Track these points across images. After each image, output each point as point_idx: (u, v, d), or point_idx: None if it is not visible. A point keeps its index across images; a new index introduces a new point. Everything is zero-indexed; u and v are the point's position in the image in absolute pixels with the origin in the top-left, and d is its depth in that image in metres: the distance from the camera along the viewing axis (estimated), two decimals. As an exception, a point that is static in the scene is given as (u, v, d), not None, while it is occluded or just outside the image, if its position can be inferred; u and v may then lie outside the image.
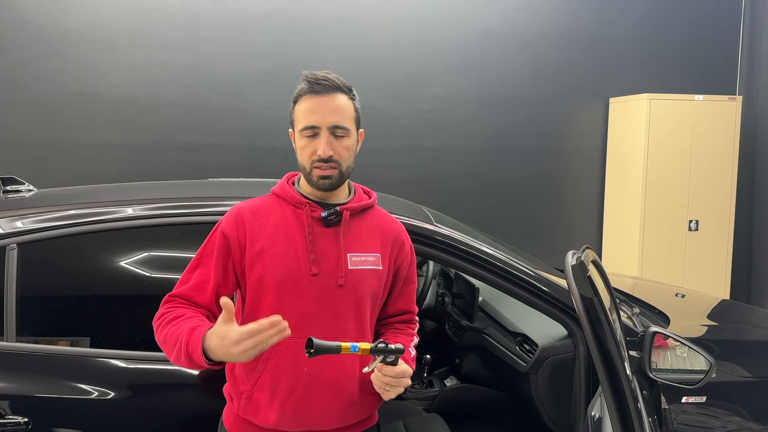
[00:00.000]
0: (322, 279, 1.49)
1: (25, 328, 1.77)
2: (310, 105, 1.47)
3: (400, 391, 1.44)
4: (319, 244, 1.50)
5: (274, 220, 1.52)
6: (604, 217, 5.21)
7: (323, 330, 1.46)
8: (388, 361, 1.40)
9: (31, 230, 1.83)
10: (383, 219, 1.64)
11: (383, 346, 1.38)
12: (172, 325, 1.42)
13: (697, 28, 5.22)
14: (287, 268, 1.48)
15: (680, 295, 2.97)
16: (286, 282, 1.47)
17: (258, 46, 4.49)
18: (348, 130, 1.49)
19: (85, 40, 4.26)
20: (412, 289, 1.68)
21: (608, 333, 1.60)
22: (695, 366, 1.91)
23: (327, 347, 1.32)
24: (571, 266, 1.62)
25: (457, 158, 4.91)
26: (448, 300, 3.06)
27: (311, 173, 1.49)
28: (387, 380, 1.42)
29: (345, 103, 1.50)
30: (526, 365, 2.29)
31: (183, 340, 1.36)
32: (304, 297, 1.48)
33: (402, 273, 1.64)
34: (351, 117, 1.51)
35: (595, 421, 1.77)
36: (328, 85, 1.47)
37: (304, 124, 1.48)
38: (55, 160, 4.28)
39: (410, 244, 1.67)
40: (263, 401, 1.49)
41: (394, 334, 1.63)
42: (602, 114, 5.15)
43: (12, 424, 1.64)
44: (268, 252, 1.49)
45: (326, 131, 1.47)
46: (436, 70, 4.81)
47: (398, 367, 1.42)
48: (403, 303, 1.67)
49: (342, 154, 1.49)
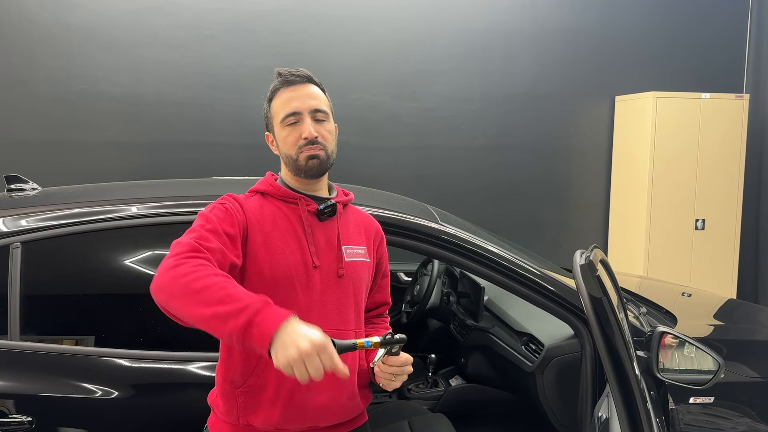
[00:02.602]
0: (323, 271, 1.51)
1: (28, 327, 1.76)
2: (288, 95, 1.52)
3: (404, 380, 1.47)
4: (317, 237, 1.53)
5: (270, 214, 1.51)
6: (610, 215, 5.19)
7: (327, 321, 1.47)
8: (393, 351, 1.42)
9: (35, 229, 1.82)
10: (362, 215, 1.70)
11: (390, 337, 1.39)
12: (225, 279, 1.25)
13: (704, 25, 5.18)
14: (290, 261, 1.48)
15: (687, 295, 2.95)
16: (289, 275, 1.47)
17: (263, 44, 4.48)
18: (327, 114, 1.54)
19: (89, 38, 4.26)
20: (387, 281, 1.74)
21: (617, 333, 1.59)
22: (703, 366, 1.89)
23: (347, 346, 1.31)
24: (579, 266, 1.60)
25: (462, 156, 4.89)
26: (453, 299, 3.04)
27: (298, 158, 1.50)
28: (394, 370, 1.45)
29: (320, 93, 1.55)
30: (532, 365, 2.27)
31: (251, 304, 1.18)
32: (307, 289, 1.49)
33: (381, 266, 1.69)
34: (327, 104, 1.56)
35: (603, 421, 1.76)
36: (302, 76, 1.53)
37: (285, 112, 1.51)
38: (60, 159, 4.28)
39: (385, 238, 1.73)
40: (266, 400, 1.47)
41: (372, 329, 1.68)
42: (608, 112, 5.12)
43: (16, 424, 1.63)
44: (269, 245, 1.48)
45: (308, 115, 1.50)
46: (441, 68, 4.79)
47: (403, 357, 1.45)
48: (379, 295, 1.72)
49: (326, 137, 1.52)
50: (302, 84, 1.52)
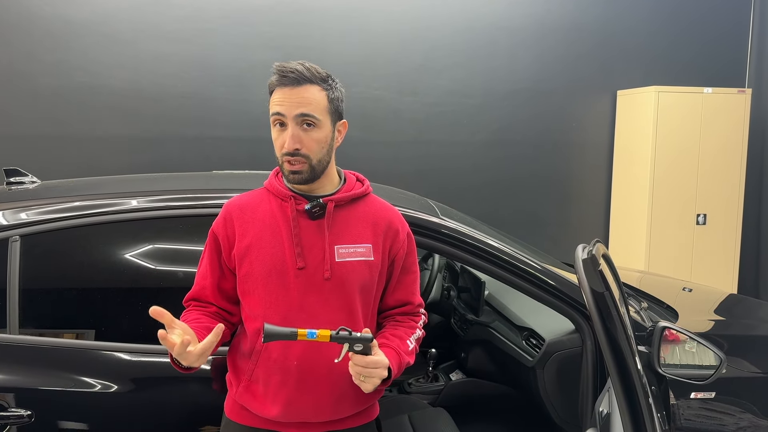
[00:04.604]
0: (309, 272, 1.48)
1: (27, 320, 1.76)
2: (278, 96, 1.45)
3: (376, 383, 1.40)
4: (305, 237, 1.50)
5: (261, 215, 1.52)
6: (611, 210, 5.18)
7: (311, 323, 1.44)
8: (356, 350, 1.37)
9: (34, 222, 1.81)
10: (377, 208, 1.60)
11: (346, 333, 1.36)
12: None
13: (706, 20, 5.16)
14: (273, 262, 1.48)
15: (687, 290, 2.94)
16: (272, 276, 1.47)
17: (263, 37, 4.46)
18: (317, 120, 1.45)
19: (90, 32, 4.24)
20: (411, 279, 1.65)
21: (619, 328, 1.58)
22: (704, 361, 1.88)
23: (280, 333, 1.32)
24: (581, 260, 1.59)
25: (463, 151, 4.88)
26: (453, 294, 3.04)
27: (283, 165, 1.49)
28: (358, 370, 1.38)
29: (314, 94, 1.45)
30: (533, 360, 2.27)
31: None
32: (290, 291, 1.48)
33: (398, 263, 1.60)
34: (322, 107, 1.46)
35: (603, 416, 1.75)
36: (295, 77, 1.43)
37: (272, 111, 1.47)
38: (59, 152, 4.27)
39: (407, 232, 1.63)
40: (258, 393, 1.52)
41: (393, 327, 1.61)
42: (610, 107, 5.10)
43: (15, 417, 1.63)
44: (255, 247, 1.49)
45: (293, 122, 1.44)
46: (442, 62, 4.77)
47: (369, 357, 1.38)
48: (401, 294, 1.63)
49: (311, 147, 1.45)
50: (295, 86, 1.43)
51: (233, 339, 1.62)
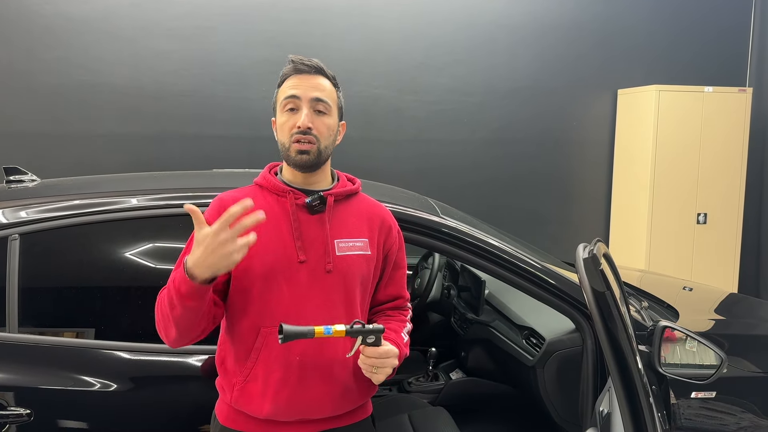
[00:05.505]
0: (310, 266, 1.48)
1: (27, 319, 1.76)
2: (294, 82, 1.50)
3: (388, 373, 1.43)
4: (306, 231, 1.50)
5: (259, 209, 1.50)
6: (612, 209, 5.18)
7: (313, 317, 1.44)
8: (369, 342, 1.39)
9: (34, 220, 1.81)
10: (369, 205, 1.63)
11: (360, 326, 1.37)
12: (161, 298, 1.44)
13: (707, 18, 5.16)
14: (274, 256, 1.47)
15: (688, 289, 2.94)
16: (273, 270, 1.47)
17: (264, 36, 4.46)
18: (330, 107, 1.51)
19: (90, 29, 4.24)
20: (401, 274, 1.68)
21: (620, 328, 1.58)
22: (705, 361, 1.88)
23: (298, 332, 1.32)
24: (582, 260, 1.59)
25: (463, 150, 4.87)
26: (453, 293, 3.04)
27: (290, 149, 1.48)
28: (371, 362, 1.41)
29: (328, 86, 1.52)
30: (533, 359, 2.27)
31: (169, 287, 1.36)
32: (292, 284, 1.47)
33: (391, 258, 1.63)
34: (333, 99, 1.53)
35: (604, 416, 1.75)
36: (313, 66, 1.51)
37: (286, 94, 1.49)
38: (59, 150, 4.27)
39: (397, 229, 1.66)
40: (256, 392, 1.48)
41: (385, 321, 1.62)
42: (610, 106, 5.10)
43: (14, 416, 1.63)
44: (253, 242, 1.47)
45: (307, 104, 1.48)
46: (443, 60, 4.76)
47: (381, 348, 1.41)
48: (393, 289, 1.66)
49: (321, 131, 1.49)
50: (310, 74, 1.50)
51: (220, 345, 1.56)
